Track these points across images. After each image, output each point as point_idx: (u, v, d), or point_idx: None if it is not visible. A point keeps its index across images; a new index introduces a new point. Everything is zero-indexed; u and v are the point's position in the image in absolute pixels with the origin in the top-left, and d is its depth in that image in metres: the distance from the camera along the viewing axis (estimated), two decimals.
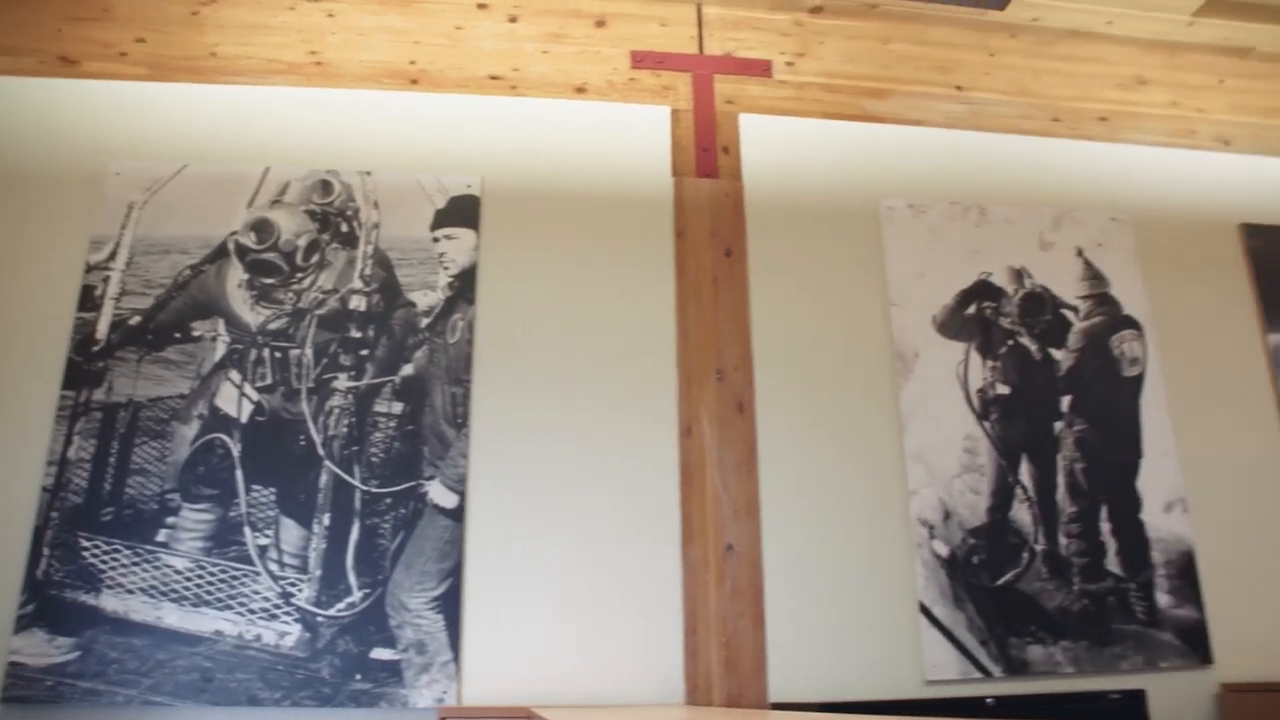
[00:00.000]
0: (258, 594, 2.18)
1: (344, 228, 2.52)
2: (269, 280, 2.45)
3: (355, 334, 2.42)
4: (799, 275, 2.69)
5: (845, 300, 2.68)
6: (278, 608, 2.17)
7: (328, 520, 2.26)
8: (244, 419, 2.32)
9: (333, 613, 2.19)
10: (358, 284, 2.47)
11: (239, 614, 2.16)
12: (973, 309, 2.72)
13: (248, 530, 2.22)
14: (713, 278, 2.62)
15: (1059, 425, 2.64)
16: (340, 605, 2.19)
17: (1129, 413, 2.70)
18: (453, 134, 2.68)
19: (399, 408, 2.37)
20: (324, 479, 2.29)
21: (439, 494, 2.31)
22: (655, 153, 2.74)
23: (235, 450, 2.29)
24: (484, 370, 2.45)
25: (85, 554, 2.16)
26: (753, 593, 2.35)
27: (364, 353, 2.41)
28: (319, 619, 2.18)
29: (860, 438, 2.55)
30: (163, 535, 2.20)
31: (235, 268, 2.45)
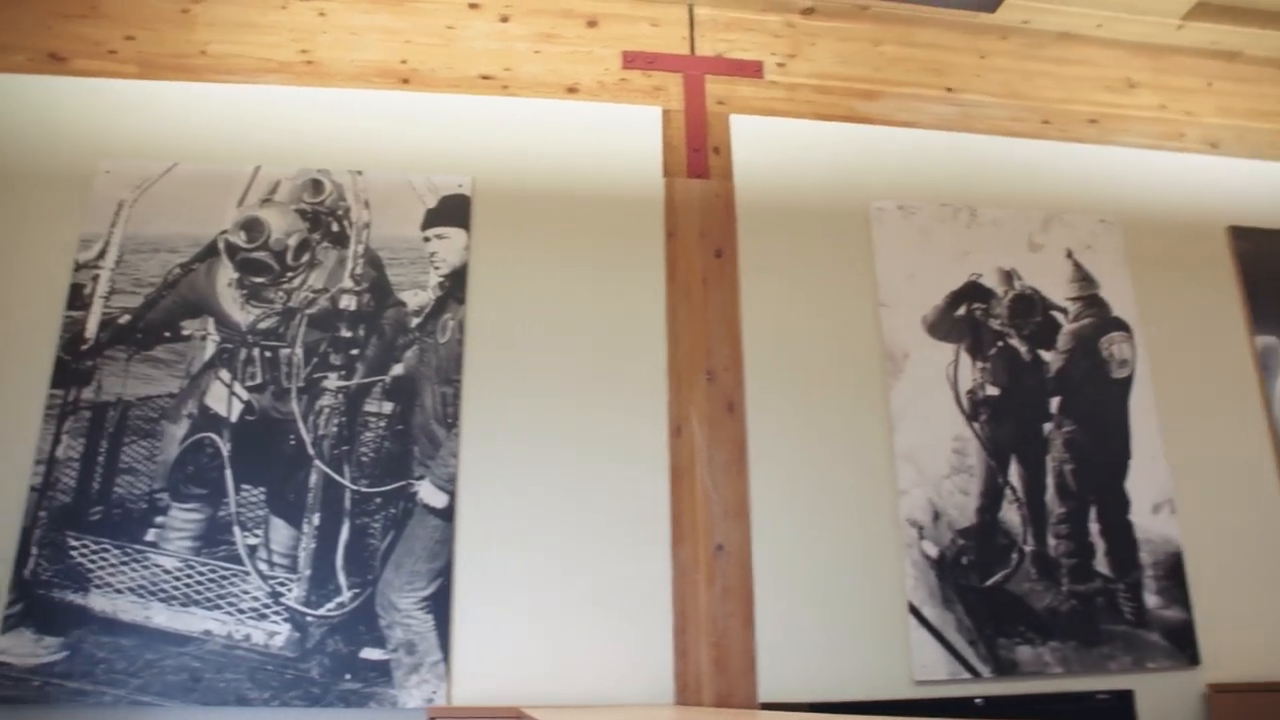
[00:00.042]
0: (247, 594, 2.17)
1: (335, 227, 2.52)
2: (259, 279, 2.44)
3: (345, 333, 2.42)
4: (789, 276, 2.69)
5: (835, 301, 2.69)
6: (267, 607, 2.17)
7: (317, 520, 2.25)
8: (234, 418, 2.31)
9: (322, 612, 2.18)
10: (348, 283, 2.47)
11: (228, 614, 2.15)
12: (963, 310, 2.73)
13: (237, 530, 2.22)
14: (703, 278, 2.62)
15: (1048, 426, 2.65)
16: (330, 605, 2.19)
17: (1118, 414, 2.71)
18: (444, 134, 2.68)
19: (389, 407, 2.37)
20: (314, 478, 2.29)
21: (429, 494, 2.31)
22: (646, 153, 2.75)
23: (225, 449, 2.28)
24: (474, 370, 2.45)
25: (73, 553, 2.15)
26: (742, 593, 2.35)
27: (354, 352, 2.40)
28: (308, 619, 2.17)
29: (850, 438, 2.56)
30: (152, 535, 2.19)
31: (225, 266, 2.44)
